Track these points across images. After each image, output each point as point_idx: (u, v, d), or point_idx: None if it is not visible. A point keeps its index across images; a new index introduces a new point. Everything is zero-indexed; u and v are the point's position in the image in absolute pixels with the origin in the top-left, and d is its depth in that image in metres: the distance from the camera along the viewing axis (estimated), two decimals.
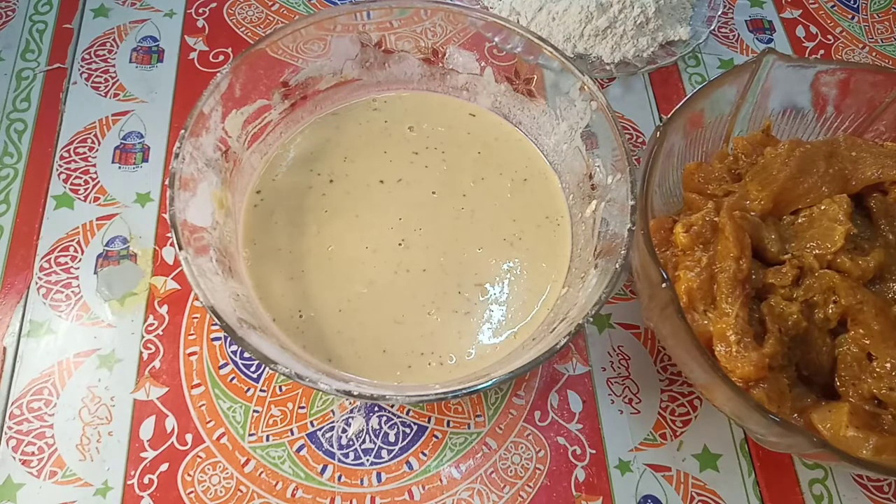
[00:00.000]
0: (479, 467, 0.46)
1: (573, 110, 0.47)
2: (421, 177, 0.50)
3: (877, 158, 0.46)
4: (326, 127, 0.51)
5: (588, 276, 0.43)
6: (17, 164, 0.55)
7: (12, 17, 0.62)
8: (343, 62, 0.50)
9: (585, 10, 0.58)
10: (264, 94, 0.47)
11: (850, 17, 0.67)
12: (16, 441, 0.45)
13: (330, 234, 0.47)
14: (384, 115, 0.52)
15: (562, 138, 0.49)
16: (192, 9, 0.63)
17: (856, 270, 0.43)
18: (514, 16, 0.61)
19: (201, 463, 0.45)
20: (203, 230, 0.42)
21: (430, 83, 0.53)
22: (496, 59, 0.50)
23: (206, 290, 0.37)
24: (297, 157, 0.50)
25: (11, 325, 0.49)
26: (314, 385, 0.35)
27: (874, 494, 0.46)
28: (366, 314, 0.45)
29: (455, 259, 0.47)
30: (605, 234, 0.43)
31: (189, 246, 0.39)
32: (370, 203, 0.48)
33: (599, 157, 0.45)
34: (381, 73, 0.52)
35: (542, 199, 0.49)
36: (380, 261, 0.46)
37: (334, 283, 0.45)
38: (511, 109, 0.52)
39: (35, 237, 0.52)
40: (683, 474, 0.46)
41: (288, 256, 0.46)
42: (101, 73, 0.59)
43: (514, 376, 0.36)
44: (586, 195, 0.47)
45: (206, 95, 0.43)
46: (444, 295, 0.45)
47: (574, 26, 0.59)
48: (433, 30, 0.50)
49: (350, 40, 0.49)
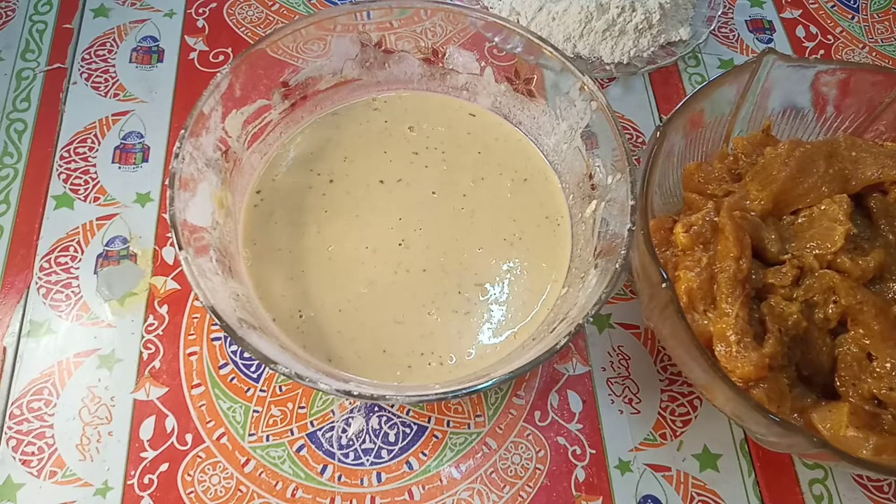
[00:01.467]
0: (479, 467, 0.46)
1: (573, 110, 0.47)
2: (421, 177, 0.50)
3: (877, 158, 0.46)
4: (326, 127, 0.51)
5: (588, 276, 0.43)
6: (17, 164, 0.55)
7: (12, 17, 0.62)
8: (343, 62, 0.50)
9: (585, 11, 0.58)
10: (264, 93, 0.47)
11: (850, 17, 0.67)
12: (16, 441, 0.45)
13: (330, 234, 0.47)
14: (384, 115, 0.52)
15: (562, 138, 0.49)
16: (192, 9, 0.63)
17: (856, 270, 0.43)
18: (513, 16, 0.61)
19: (201, 463, 0.45)
20: (203, 230, 0.42)
21: (430, 83, 0.53)
22: (496, 60, 0.50)
23: (206, 290, 0.37)
24: (297, 157, 0.50)
25: (11, 325, 0.49)
26: (314, 385, 0.35)
27: (874, 494, 0.46)
28: (366, 314, 0.45)
29: (455, 259, 0.47)
30: (605, 234, 0.43)
31: (189, 246, 0.39)
32: (370, 203, 0.48)
33: (599, 157, 0.45)
34: (381, 73, 0.52)
35: (542, 199, 0.49)
36: (380, 261, 0.46)
37: (335, 283, 0.45)
38: (511, 109, 0.52)
39: (35, 237, 0.52)
40: (683, 474, 0.46)
41: (288, 256, 0.46)
42: (101, 73, 0.59)
43: (514, 376, 0.36)
44: (586, 195, 0.47)
45: (207, 95, 0.43)
46: (444, 295, 0.45)
47: (574, 26, 0.59)
48: (433, 30, 0.50)
49: (350, 40, 0.49)
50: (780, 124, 0.51)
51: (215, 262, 0.42)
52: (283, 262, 0.46)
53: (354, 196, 0.48)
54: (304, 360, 0.42)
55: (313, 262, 0.46)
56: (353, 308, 0.45)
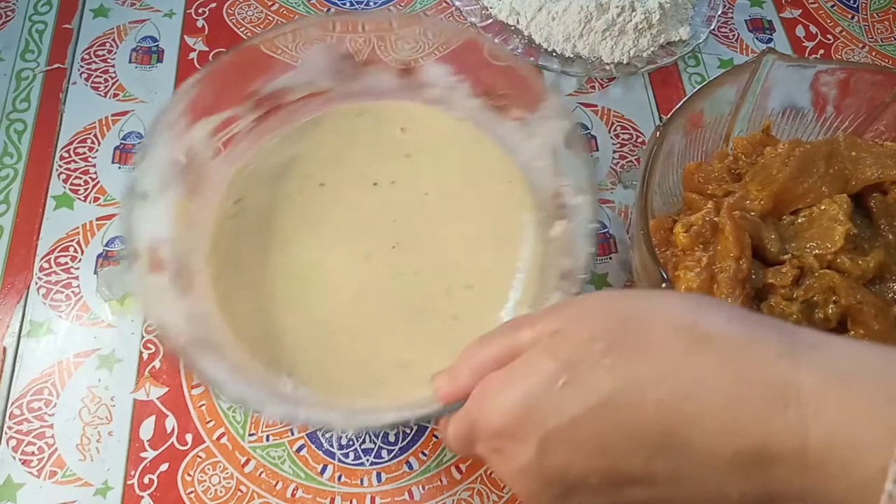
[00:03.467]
0: (480, 467, 0.46)
1: (546, 128, 0.46)
2: (413, 179, 0.48)
3: (877, 158, 0.46)
4: (298, 137, 0.50)
5: (550, 299, 0.41)
6: (17, 165, 0.55)
7: (12, 18, 0.62)
8: (317, 73, 0.48)
9: (585, 11, 0.58)
10: (235, 103, 0.46)
11: (850, 17, 0.67)
12: (16, 441, 0.45)
13: (296, 246, 0.45)
14: (361, 123, 0.50)
15: (532, 155, 0.47)
16: (192, 9, 0.63)
17: (856, 270, 0.42)
18: (513, 16, 0.61)
19: (201, 463, 0.45)
20: (162, 244, 0.40)
21: (405, 94, 0.51)
22: (472, 73, 0.48)
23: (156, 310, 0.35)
24: (268, 167, 0.48)
25: (11, 325, 0.49)
26: (259, 412, 0.34)
27: None
28: (337, 327, 0.43)
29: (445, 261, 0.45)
30: (568, 256, 0.42)
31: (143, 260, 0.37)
32: (360, 206, 0.47)
33: (569, 176, 0.44)
34: (355, 85, 0.50)
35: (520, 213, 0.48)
36: (355, 270, 0.45)
37: (302, 296, 0.44)
38: (484, 124, 0.50)
39: (35, 237, 0.52)
40: None
41: (254, 270, 0.44)
42: (100, 74, 0.59)
43: None
44: (552, 215, 0.46)
45: (173, 103, 0.42)
46: (429, 302, 0.44)
47: (574, 26, 0.59)
48: (409, 41, 0.48)
49: (323, 51, 0.48)
50: (780, 124, 0.51)
51: (172, 278, 0.40)
52: (249, 275, 0.44)
53: (346, 198, 0.47)
54: (261, 379, 0.40)
55: (280, 274, 0.44)
56: (322, 321, 0.43)
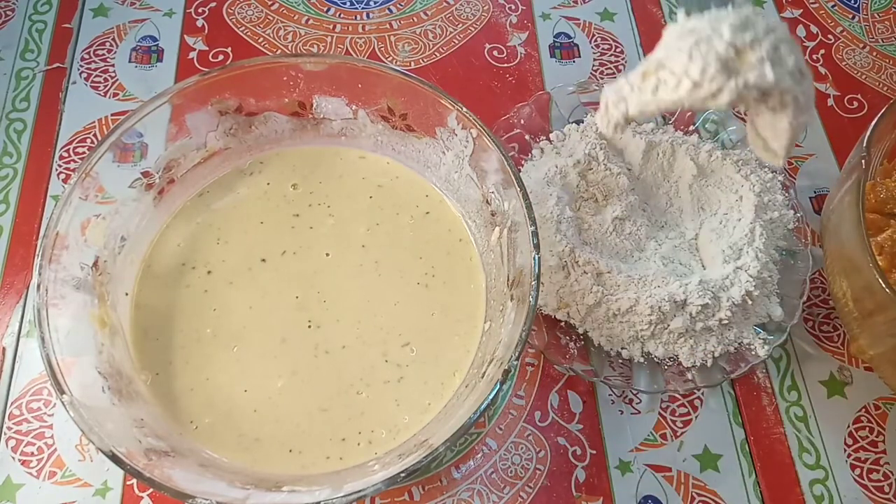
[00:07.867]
0: (479, 468, 0.46)
1: (455, 140, 0.45)
2: (308, 241, 0.45)
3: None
4: (198, 208, 0.46)
5: (506, 308, 0.40)
6: (17, 164, 0.55)
7: (12, 17, 0.62)
8: (205, 135, 0.45)
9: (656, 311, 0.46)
10: (124, 190, 0.43)
11: (851, 17, 0.67)
12: (15, 441, 0.45)
13: (227, 333, 0.43)
14: (264, 178, 0.47)
15: (451, 168, 0.46)
16: (192, 8, 0.63)
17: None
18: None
19: None
20: (87, 360, 0.38)
21: (303, 136, 0.48)
22: (366, 101, 0.46)
23: (102, 434, 0.33)
24: (172, 251, 0.45)
25: (11, 325, 0.49)
26: None
27: (874, 494, 0.46)
28: (283, 409, 0.41)
29: (372, 324, 0.43)
30: (514, 262, 0.41)
31: (71, 384, 0.35)
32: (258, 287, 0.44)
33: (492, 182, 0.43)
34: (249, 138, 0.47)
35: (449, 225, 0.47)
36: (290, 349, 0.42)
37: (244, 382, 0.41)
38: (395, 147, 0.48)
39: (35, 237, 0.52)
40: (684, 475, 0.46)
41: (187, 367, 0.42)
42: (100, 73, 0.59)
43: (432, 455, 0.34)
44: (488, 222, 0.45)
45: (58, 213, 0.38)
46: (370, 368, 0.42)
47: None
48: (293, 83, 0.45)
49: (206, 112, 0.44)
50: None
51: (109, 391, 0.37)
52: (185, 371, 0.41)
53: (238, 285, 0.44)
54: (230, 470, 0.38)
55: (217, 365, 0.42)
56: (270, 404, 0.41)
